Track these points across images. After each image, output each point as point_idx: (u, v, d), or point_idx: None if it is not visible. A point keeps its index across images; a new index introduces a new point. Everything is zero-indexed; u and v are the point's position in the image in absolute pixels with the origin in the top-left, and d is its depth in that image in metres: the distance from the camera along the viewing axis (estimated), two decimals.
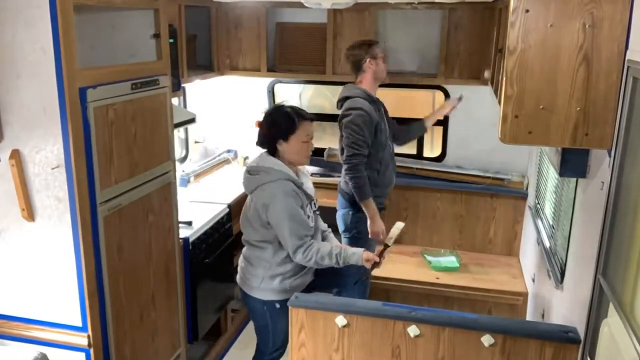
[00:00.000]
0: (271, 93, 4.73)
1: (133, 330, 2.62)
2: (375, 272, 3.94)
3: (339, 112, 3.42)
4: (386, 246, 2.83)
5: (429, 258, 3.96)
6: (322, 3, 3.33)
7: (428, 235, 4.24)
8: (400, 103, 4.69)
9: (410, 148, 4.62)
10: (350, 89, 3.43)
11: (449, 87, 4.30)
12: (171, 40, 2.90)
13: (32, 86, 2.14)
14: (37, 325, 2.41)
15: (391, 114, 4.62)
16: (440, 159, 4.52)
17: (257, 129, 2.90)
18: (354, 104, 3.30)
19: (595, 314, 1.92)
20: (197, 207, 3.61)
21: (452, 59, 4.12)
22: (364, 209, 3.32)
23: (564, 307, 2.46)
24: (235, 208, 3.83)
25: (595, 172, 2.10)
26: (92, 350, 2.38)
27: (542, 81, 1.86)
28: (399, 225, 2.85)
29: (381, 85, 4.54)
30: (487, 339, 2.22)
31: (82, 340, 2.37)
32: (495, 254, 4.11)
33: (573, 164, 2.19)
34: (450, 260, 3.93)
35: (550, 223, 3.10)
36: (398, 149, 4.68)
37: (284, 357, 3.00)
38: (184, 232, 3.15)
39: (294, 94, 4.80)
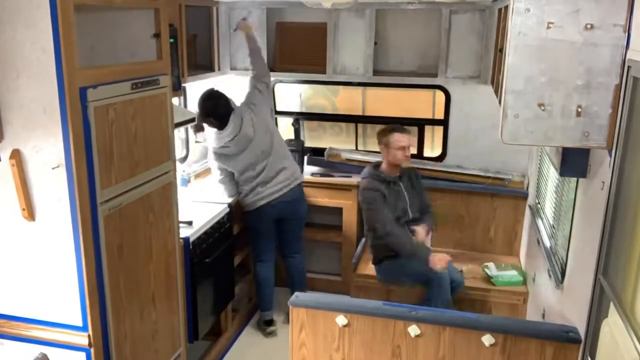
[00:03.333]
0: (271, 93, 4.72)
1: (133, 329, 2.62)
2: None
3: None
4: None
5: (490, 273, 3.79)
6: (323, 3, 3.34)
7: None
8: (400, 103, 4.69)
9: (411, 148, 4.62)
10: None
11: (449, 87, 4.30)
12: (171, 40, 2.90)
13: (32, 86, 2.14)
14: (37, 325, 2.41)
15: (391, 114, 4.65)
16: (440, 158, 4.52)
17: None
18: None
19: (596, 313, 1.92)
20: (198, 207, 3.61)
21: (452, 59, 4.12)
22: (419, 255, 3.47)
23: (565, 306, 2.46)
24: (236, 208, 3.84)
25: (595, 172, 2.10)
26: (92, 350, 2.38)
27: (542, 81, 1.86)
28: None
29: (382, 85, 4.56)
30: (487, 339, 2.22)
31: (82, 340, 2.37)
32: (496, 253, 4.11)
33: (573, 163, 2.19)
34: (512, 274, 3.76)
35: (551, 223, 3.10)
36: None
37: (284, 357, 3.00)
38: (184, 232, 3.15)
39: (294, 94, 4.80)
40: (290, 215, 4.00)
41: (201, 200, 3.76)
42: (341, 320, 2.38)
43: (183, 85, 3.66)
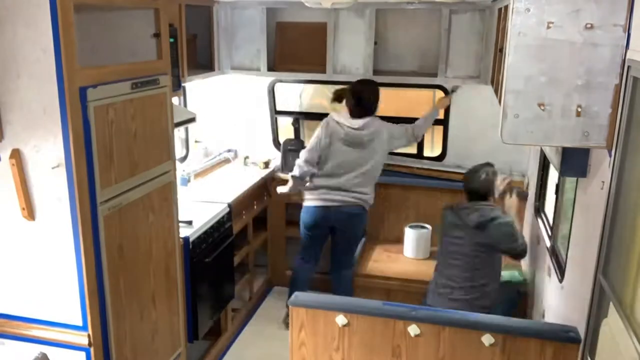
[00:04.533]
0: (271, 93, 4.73)
1: (133, 329, 2.62)
2: (376, 272, 3.97)
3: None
4: None
5: None
6: (323, 3, 3.33)
7: None
8: (400, 102, 4.70)
9: (411, 148, 4.63)
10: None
11: (449, 87, 4.30)
12: (171, 40, 2.90)
13: (32, 86, 2.14)
14: (37, 325, 2.41)
15: (391, 114, 4.65)
16: (440, 158, 4.52)
17: None
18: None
19: (596, 313, 1.92)
20: (198, 207, 3.61)
21: (452, 59, 4.12)
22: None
23: (564, 306, 2.47)
24: (236, 207, 3.84)
25: (595, 172, 2.10)
26: (92, 350, 2.38)
27: (542, 81, 1.86)
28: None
29: (381, 85, 4.56)
30: (487, 339, 2.22)
31: (82, 339, 2.37)
32: None
33: (573, 163, 2.19)
34: (512, 274, 3.75)
35: (551, 222, 3.10)
36: (398, 149, 4.71)
37: (284, 357, 3.00)
38: (184, 232, 3.15)
39: (294, 93, 4.80)
40: (343, 227, 3.90)
41: (201, 200, 3.76)
42: (341, 320, 2.38)
43: (183, 84, 3.67)
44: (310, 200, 3.88)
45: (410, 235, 4.15)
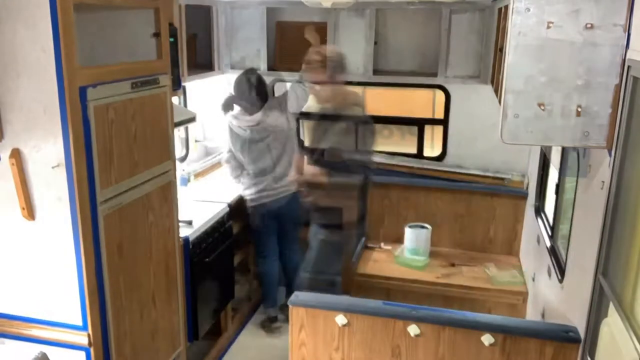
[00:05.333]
0: (272, 92, 4.72)
1: (133, 329, 2.62)
2: (376, 272, 3.96)
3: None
4: None
5: (490, 273, 3.83)
6: (323, 3, 3.33)
7: None
8: (400, 102, 4.70)
9: (411, 147, 4.63)
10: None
11: (449, 86, 4.30)
12: (171, 39, 2.90)
13: (32, 85, 2.14)
14: (37, 324, 2.41)
15: (391, 114, 4.66)
16: (440, 158, 4.52)
17: None
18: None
19: (596, 313, 1.92)
20: (198, 206, 3.61)
21: (452, 59, 4.12)
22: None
23: (564, 306, 2.47)
24: (235, 207, 3.83)
25: (595, 172, 2.10)
26: (92, 349, 2.38)
27: (542, 81, 1.86)
28: None
29: (382, 85, 4.57)
30: (487, 339, 2.22)
31: (82, 339, 2.37)
32: (496, 253, 4.11)
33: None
34: (512, 274, 3.79)
35: (551, 222, 3.10)
36: (398, 148, 4.71)
37: (283, 357, 2.99)
38: (184, 231, 3.15)
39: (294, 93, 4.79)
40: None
41: (201, 200, 3.76)
42: (341, 319, 2.38)
43: (183, 84, 3.66)
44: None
45: (410, 235, 4.14)
